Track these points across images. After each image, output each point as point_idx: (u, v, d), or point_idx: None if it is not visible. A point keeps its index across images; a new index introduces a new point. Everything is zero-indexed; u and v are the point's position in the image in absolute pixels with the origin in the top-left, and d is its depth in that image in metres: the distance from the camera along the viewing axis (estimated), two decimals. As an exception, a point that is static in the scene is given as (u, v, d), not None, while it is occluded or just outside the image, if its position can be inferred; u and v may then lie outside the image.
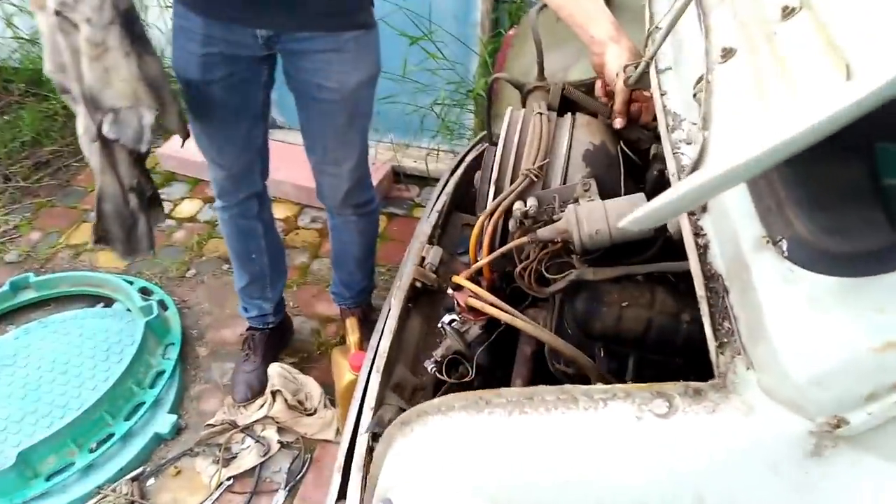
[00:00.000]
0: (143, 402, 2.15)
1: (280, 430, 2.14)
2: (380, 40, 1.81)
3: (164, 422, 2.14)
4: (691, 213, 0.87)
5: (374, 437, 1.33)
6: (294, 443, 2.13)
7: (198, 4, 1.62)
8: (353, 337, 1.90)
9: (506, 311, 1.23)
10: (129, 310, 2.49)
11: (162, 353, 2.33)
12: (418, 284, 1.71)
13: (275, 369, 2.21)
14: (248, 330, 2.35)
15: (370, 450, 1.31)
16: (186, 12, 1.65)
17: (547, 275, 1.26)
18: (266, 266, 2.19)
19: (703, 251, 0.81)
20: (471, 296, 1.29)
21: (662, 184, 1.28)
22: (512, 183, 1.29)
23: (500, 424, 0.75)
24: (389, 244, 2.96)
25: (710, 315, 0.77)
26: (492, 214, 1.29)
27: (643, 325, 1.24)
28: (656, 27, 1.21)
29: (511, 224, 1.25)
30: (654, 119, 1.45)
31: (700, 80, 0.90)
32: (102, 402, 2.05)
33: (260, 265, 2.19)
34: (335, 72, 1.73)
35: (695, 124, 0.96)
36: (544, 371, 1.43)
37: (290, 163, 3.21)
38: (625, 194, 1.30)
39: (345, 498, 1.30)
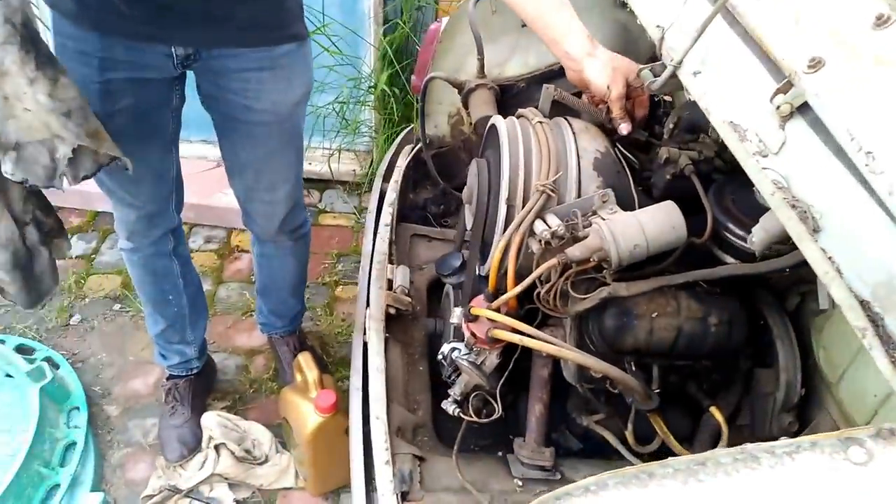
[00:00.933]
0: (57, 485, 1.82)
1: (231, 486, 1.91)
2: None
3: (88, 503, 1.82)
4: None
5: (404, 496, 1.21)
6: (251, 498, 1.91)
7: (92, 19, 1.33)
8: (311, 374, 1.72)
9: (543, 340, 1.14)
10: (8, 375, 2.09)
11: (66, 422, 1.98)
12: (392, 311, 1.57)
13: (212, 419, 1.97)
14: (168, 379, 2.07)
15: (401, 512, 1.19)
16: (77, 30, 1.35)
17: (574, 294, 1.19)
18: (185, 306, 1.94)
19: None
20: (496, 327, 1.19)
21: (677, 187, 1.24)
22: (524, 199, 1.19)
23: (673, 499, 0.67)
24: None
25: (882, 345, 0.72)
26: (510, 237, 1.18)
27: (673, 334, 1.21)
28: (666, 30, 1.16)
29: (534, 246, 1.16)
30: (654, 116, 1.43)
31: (781, 91, 0.85)
32: (7, 496, 1.70)
33: (178, 306, 1.93)
34: (268, 91, 1.51)
35: (759, 139, 0.91)
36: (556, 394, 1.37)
37: (172, 178, 2.88)
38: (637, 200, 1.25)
39: (377, 570, 1.17)
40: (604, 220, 1.14)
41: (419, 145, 2.03)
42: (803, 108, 0.86)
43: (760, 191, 0.87)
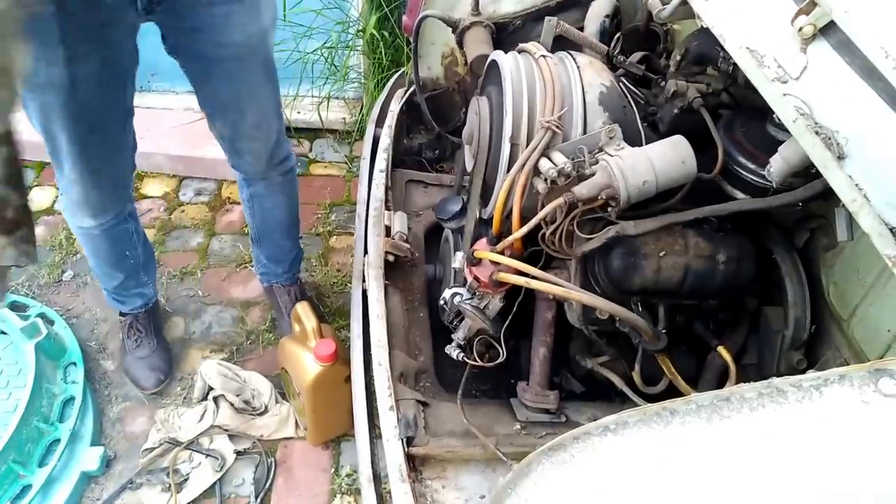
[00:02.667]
0: (58, 440, 1.80)
1: (231, 437, 1.90)
2: None
3: (88, 457, 1.81)
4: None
5: (409, 441, 1.19)
6: (251, 448, 1.90)
7: None
8: (310, 323, 1.69)
9: (549, 282, 1.11)
10: (2, 332, 2.05)
11: (63, 378, 1.95)
12: (390, 258, 1.54)
13: (211, 368, 1.94)
14: (125, 315, 2.06)
15: (409, 457, 1.18)
16: None
17: (580, 234, 1.15)
18: (139, 255, 1.92)
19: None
20: (502, 270, 1.16)
21: (684, 121, 1.20)
22: (529, 137, 1.15)
23: (697, 436, 0.65)
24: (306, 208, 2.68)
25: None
26: (514, 176, 1.14)
27: (681, 273, 1.19)
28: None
29: (540, 185, 1.12)
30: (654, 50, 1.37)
31: (803, 11, 0.80)
32: (6, 452, 1.67)
33: (134, 258, 1.91)
34: (238, 23, 1.44)
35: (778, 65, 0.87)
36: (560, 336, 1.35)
37: (157, 131, 2.79)
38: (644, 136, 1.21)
39: (384, 513, 1.16)
40: (611, 156, 1.10)
41: (412, 89, 1.97)
42: (827, 29, 0.81)
43: (781, 118, 0.83)
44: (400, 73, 2.20)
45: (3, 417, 1.84)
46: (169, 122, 2.81)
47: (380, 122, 1.95)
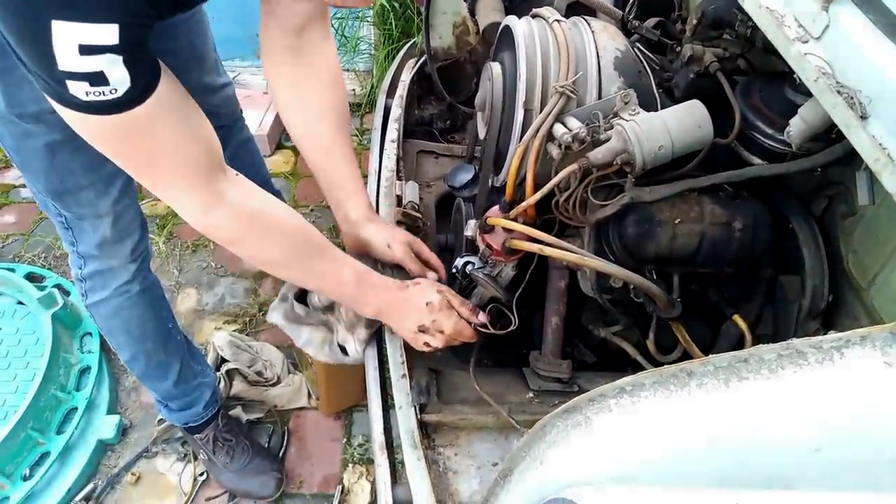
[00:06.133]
0: (75, 408, 1.83)
1: (245, 406, 1.92)
2: None
3: (104, 426, 1.84)
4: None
5: (422, 408, 1.20)
6: (265, 418, 1.92)
7: None
8: (322, 294, 1.69)
9: (563, 249, 1.10)
10: (20, 303, 2.08)
11: (79, 347, 1.98)
12: (402, 227, 1.53)
13: (223, 338, 1.96)
14: (202, 431, 1.72)
15: (421, 424, 1.18)
16: None
17: (594, 201, 1.14)
18: (181, 329, 1.62)
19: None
20: (515, 237, 1.15)
21: (701, 86, 1.18)
22: (543, 103, 1.13)
23: (715, 398, 0.64)
24: (306, 181, 2.68)
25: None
26: (528, 141, 1.13)
27: (696, 241, 1.17)
28: None
29: (554, 151, 1.10)
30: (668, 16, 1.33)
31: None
32: (25, 419, 1.71)
33: (178, 332, 1.59)
34: None
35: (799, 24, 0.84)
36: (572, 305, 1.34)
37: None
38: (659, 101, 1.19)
39: (397, 480, 1.17)
40: (626, 121, 1.08)
41: (423, 59, 1.95)
42: (851, -15, 0.78)
43: (802, 78, 0.81)
44: (411, 43, 2.17)
45: (23, 386, 1.88)
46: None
47: (391, 93, 1.93)
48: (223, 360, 1.95)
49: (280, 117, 1.31)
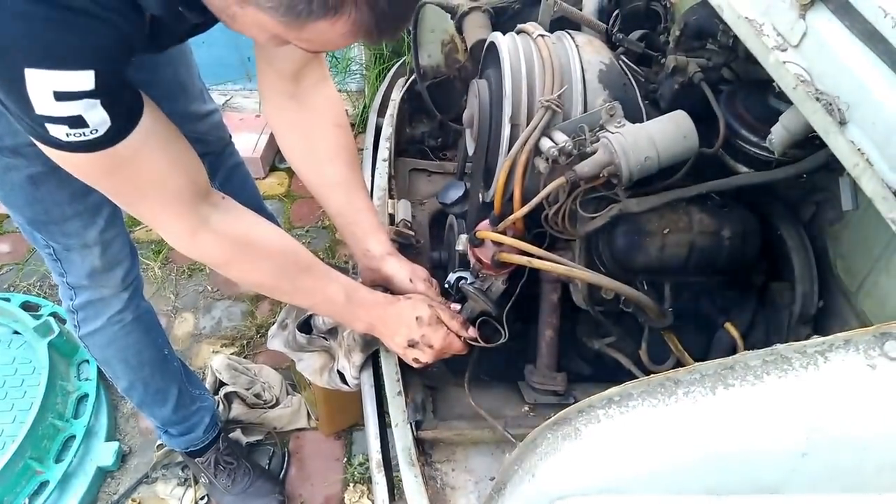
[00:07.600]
0: (73, 436, 1.82)
1: (244, 429, 1.91)
2: None
3: (103, 453, 1.83)
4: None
5: (418, 425, 1.20)
6: (265, 440, 1.91)
7: None
8: (318, 314, 1.70)
9: (552, 261, 1.11)
10: (16, 332, 2.08)
11: (76, 375, 1.98)
12: (396, 245, 1.54)
13: (221, 362, 1.95)
14: (202, 455, 1.72)
15: (418, 441, 1.18)
16: None
17: (583, 213, 1.15)
18: (176, 354, 1.61)
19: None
20: (504, 250, 1.16)
21: (685, 97, 1.19)
22: (529, 118, 1.14)
23: (702, 406, 0.65)
24: (300, 203, 2.69)
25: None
26: (513, 156, 1.14)
27: (686, 250, 1.18)
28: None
29: (541, 165, 1.12)
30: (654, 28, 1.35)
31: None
32: (23, 448, 1.70)
33: (174, 358, 1.58)
34: None
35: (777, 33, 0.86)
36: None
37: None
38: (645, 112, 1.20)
39: (395, 498, 1.17)
40: (612, 133, 1.09)
41: (413, 77, 1.96)
42: (826, -6, 0.80)
43: (781, 86, 0.82)
44: (401, 62, 2.19)
45: (20, 415, 1.87)
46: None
47: (381, 112, 1.95)
48: (221, 384, 1.95)
49: (285, 157, 1.30)
